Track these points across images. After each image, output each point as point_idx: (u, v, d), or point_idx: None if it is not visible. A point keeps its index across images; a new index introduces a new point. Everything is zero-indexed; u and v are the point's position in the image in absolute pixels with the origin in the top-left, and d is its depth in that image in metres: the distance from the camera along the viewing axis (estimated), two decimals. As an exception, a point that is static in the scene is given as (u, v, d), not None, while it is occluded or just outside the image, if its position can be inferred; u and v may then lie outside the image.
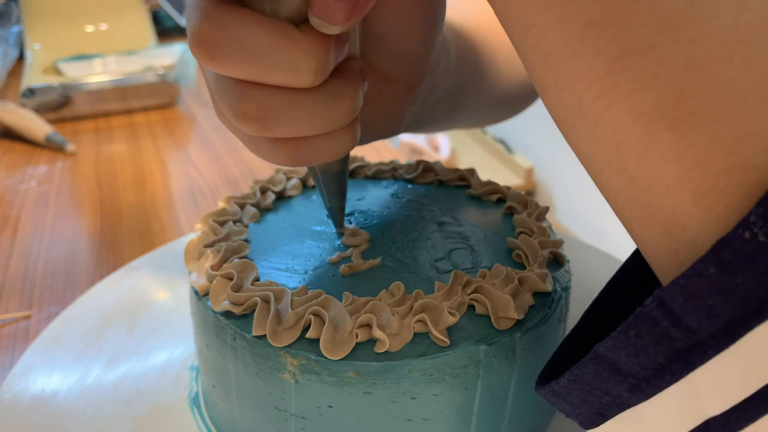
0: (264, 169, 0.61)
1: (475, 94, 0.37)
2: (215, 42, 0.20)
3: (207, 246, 0.28)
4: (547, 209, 0.31)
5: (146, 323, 0.35)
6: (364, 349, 0.23)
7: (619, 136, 0.14)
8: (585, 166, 0.16)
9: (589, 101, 0.15)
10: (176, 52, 0.86)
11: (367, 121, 0.28)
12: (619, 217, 0.16)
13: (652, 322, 0.14)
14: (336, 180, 0.27)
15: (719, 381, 0.14)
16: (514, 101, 0.44)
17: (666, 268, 0.15)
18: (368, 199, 0.33)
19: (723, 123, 0.13)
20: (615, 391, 0.16)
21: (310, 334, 0.23)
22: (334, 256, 0.28)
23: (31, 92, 0.71)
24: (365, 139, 0.30)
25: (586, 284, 0.35)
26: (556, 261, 0.28)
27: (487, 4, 0.39)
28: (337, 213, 0.29)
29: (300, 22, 0.20)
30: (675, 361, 0.14)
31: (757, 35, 0.13)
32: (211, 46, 0.20)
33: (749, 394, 0.13)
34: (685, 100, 0.13)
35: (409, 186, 0.35)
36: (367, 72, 0.25)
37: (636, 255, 0.20)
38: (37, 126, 0.67)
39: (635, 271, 0.20)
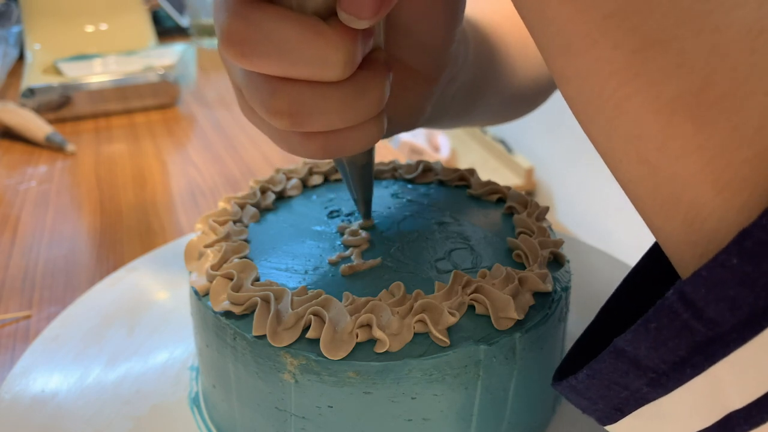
0: (264, 169, 0.61)
1: (491, 89, 0.38)
2: (246, 40, 0.20)
3: (207, 246, 0.28)
4: (547, 209, 0.31)
5: (146, 323, 0.35)
6: (364, 349, 0.23)
7: (639, 127, 0.14)
8: (604, 158, 0.16)
9: (609, 92, 0.15)
10: (176, 52, 0.86)
11: (390, 114, 0.28)
12: (638, 210, 0.16)
13: (673, 314, 0.14)
14: (363, 171, 0.27)
15: (741, 374, 0.14)
16: (528, 98, 0.44)
17: (686, 261, 0.15)
18: (368, 199, 0.33)
19: (745, 112, 0.13)
20: (634, 385, 0.16)
21: (310, 334, 0.23)
22: (334, 256, 0.28)
23: (31, 92, 0.71)
24: (388, 132, 0.30)
25: (586, 284, 0.35)
26: (556, 261, 0.28)
27: (501, 1, 0.39)
28: (363, 204, 0.29)
29: (327, 16, 0.21)
30: (696, 354, 0.14)
31: None
32: (242, 44, 0.20)
33: None
34: (707, 90, 0.13)
35: (409, 186, 0.35)
36: (392, 63, 0.25)
37: (651, 254, 0.20)
38: (37, 126, 0.67)
39: (650, 271, 0.20)
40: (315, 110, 0.22)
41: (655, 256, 0.19)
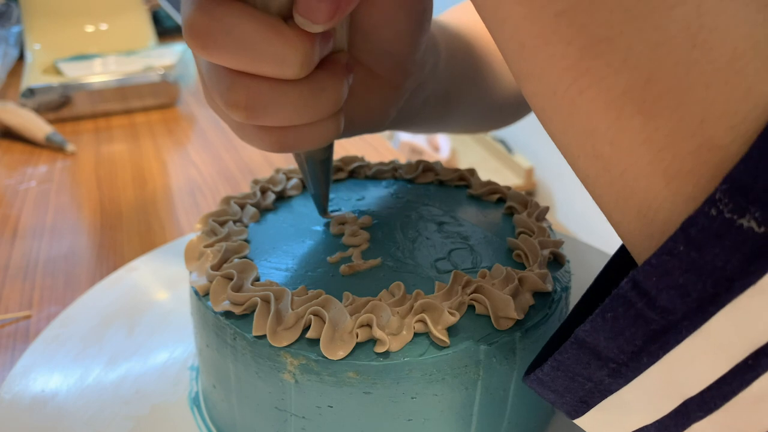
0: (264, 169, 0.61)
1: (468, 97, 0.38)
2: (208, 32, 0.21)
3: (207, 246, 0.28)
4: (547, 209, 0.31)
5: (146, 323, 0.35)
6: (364, 349, 0.23)
7: (592, 122, 0.15)
8: (563, 155, 0.17)
9: (563, 89, 0.15)
10: (176, 52, 0.86)
11: (352, 115, 0.29)
12: (598, 205, 0.17)
13: (627, 303, 0.14)
14: (321, 167, 0.28)
15: (694, 360, 0.14)
16: (511, 108, 0.44)
17: (643, 253, 0.16)
18: (368, 199, 0.33)
19: (688, 105, 0.13)
20: (596, 376, 0.16)
21: (310, 334, 0.23)
22: (334, 256, 0.28)
23: (31, 92, 0.71)
24: (350, 132, 0.30)
25: (586, 284, 0.35)
26: (557, 261, 0.28)
27: None
28: (321, 199, 0.30)
29: (288, 16, 0.21)
30: (651, 343, 0.14)
31: (719, 20, 0.13)
32: (204, 36, 0.21)
33: (723, 372, 0.14)
34: (652, 84, 0.14)
35: (409, 186, 0.35)
36: (353, 65, 0.25)
37: (623, 248, 0.20)
38: (37, 126, 0.67)
39: (623, 264, 0.20)
40: (271, 105, 0.22)
41: (626, 252, 0.20)
